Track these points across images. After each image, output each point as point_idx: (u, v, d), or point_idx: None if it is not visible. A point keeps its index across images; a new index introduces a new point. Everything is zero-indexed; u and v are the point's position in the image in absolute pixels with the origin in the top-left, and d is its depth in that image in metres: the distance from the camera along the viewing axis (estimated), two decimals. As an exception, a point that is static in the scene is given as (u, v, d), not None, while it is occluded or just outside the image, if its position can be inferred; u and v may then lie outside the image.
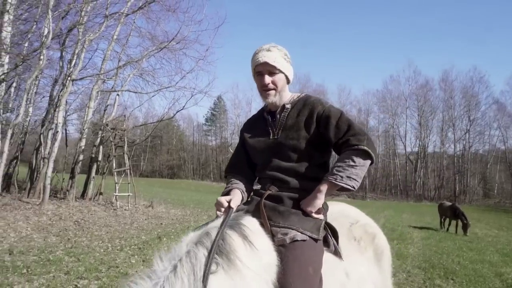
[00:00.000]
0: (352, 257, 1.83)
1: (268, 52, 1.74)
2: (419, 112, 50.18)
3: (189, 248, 1.37)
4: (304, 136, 1.73)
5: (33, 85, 11.97)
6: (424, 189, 47.87)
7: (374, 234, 2.10)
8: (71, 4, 10.85)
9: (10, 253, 5.25)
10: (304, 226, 1.61)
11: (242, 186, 1.86)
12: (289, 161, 1.75)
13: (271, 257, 1.49)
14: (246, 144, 1.92)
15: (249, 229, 1.50)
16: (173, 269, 1.29)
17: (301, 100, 1.84)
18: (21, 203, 9.80)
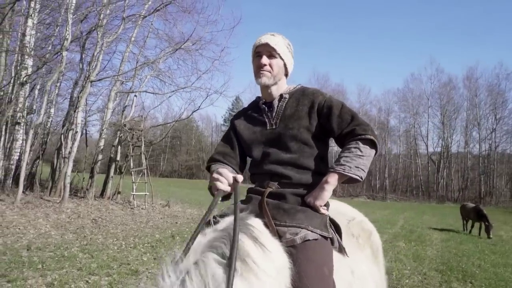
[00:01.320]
0: (354, 254, 1.76)
1: (271, 36, 1.72)
2: (442, 111, 48.74)
3: (197, 257, 1.22)
4: (305, 126, 1.66)
5: (54, 87, 12.35)
6: (447, 190, 46.44)
7: (370, 231, 2.06)
8: (89, 7, 11.12)
9: (28, 248, 5.42)
10: (313, 223, 1.52)
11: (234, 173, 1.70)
12: (289, 152, 1.65)
13: (283, 260, 1.39)
14: (240, 136, 1.80)
15: (258, 230, 1.39)
16: (181, 284, 1.15)
17: (299, 90, 1.79)
18: (42, 201, 10.13)
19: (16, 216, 7.88)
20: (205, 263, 1.18)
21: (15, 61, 12.19)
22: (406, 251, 7.63)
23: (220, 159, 1.78)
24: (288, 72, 1.81)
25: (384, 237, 9.60)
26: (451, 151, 48.62)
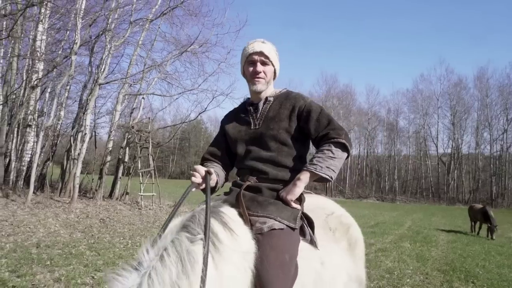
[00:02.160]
0: (327, 246, 1.86)
1: (263, 43, 1.86)
2: (452, 111, 48.17)
3: (173, 237, 1.39)
4: (284, 127, 1.80)
5: (64, 90, 12.63)
6: (457, 191, 45.83)
7: (348, 225, 2.13)
8: (98, 12, 11.36)
9: (38, 246, 5.59)
10: (282, 215, 1.66)
11: (219, 171, 1.90)
12: (268, 150, 1.80)
13: (249, 245, 1.53)
14: (227, 134, 1.96)
15: (229, 216, 1.55)
16: (159, 259, 1.30)
17: (283, 94, 1.93)
18: (52, 202, 10.37)
19: (27, 216, 8.10)
20: (180, 240, 1.34)
21: (26, 65, 12.51)
22: (410, 252, 7.63)
23: (210, 158, 1.98)
24: (277, 75, 1.96)
25: (389, 238, 9.60)
26: (462, 152, 47.96)
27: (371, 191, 47.11)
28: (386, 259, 6.63)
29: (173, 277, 1.25)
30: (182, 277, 1.26)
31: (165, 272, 1.26)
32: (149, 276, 1.25)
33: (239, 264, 1.45)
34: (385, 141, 52.29)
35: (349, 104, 50.92)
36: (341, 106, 49.81)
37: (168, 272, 1.26)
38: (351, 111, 50.80)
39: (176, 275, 1.26)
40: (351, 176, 49.88)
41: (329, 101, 49.44)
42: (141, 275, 1.26)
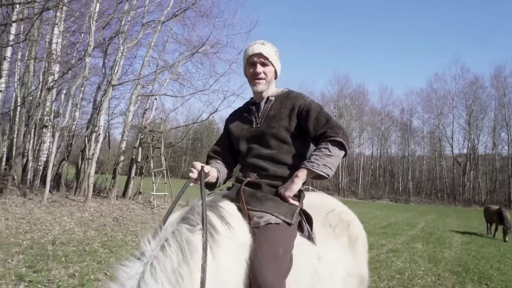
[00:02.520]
0: (326, 242, 1.90)
1: (262, 45, 1.91)
2: (468, 111, 47.18)
3: (173, 228, 1.47)
4: (285, 126, 1.86)
5: (79, 92, 12.90)
6: (474, 193, 44.88)
7: (349, 222, 2.16)
8: (111, 15, 11.58)
9: (53, 243, 5.75)
10: (279, 210, 1.72)
11: (221, 167, 1.99)
12: (269, 148, 1.86)
13: (246, 238, 1.60)
14: (230, 132, 2.03)
15: (226, 211, 1.63)
16: (160, 249, 1.38)
17: (284, 93, 1.99)
18: (67, 200, 10.62)
19: (43, 214, 8.32)
20: (179, 231, 1.43)
21: (43, 67, 12.84)
22: (422, 253, 7.53)
23: (214, 156, 2.07)
24: (278, 75, 2.01)
25: (401, 239, 9.50)
26: (478, 152, 46.94)
27: (385, 192, 46.55)
28: (397, 260, 6.57)
29: (174, 265, 1.33)
30: (183, 265, 1.34)
31: (167, 260, 1.33)
32: (151, 265, 1.32)
33: (235, 255, 1.52)
34: (398, 141, 51.62)
35: (361, 104, 50.45)
36: (353, 106, 49.40)
37: (170, 261, 1.33)
38: (364, 111, 50.33)
39: (177, 263, 1.34)
40: (364, 176, 49.40)
41: (341, 101, 49.11)
42: (144, 264, 1.34)
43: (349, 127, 48.31)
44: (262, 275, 1.48)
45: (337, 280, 1.85)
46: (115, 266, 1.37)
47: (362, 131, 50.30)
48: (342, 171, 45.82)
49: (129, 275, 1.32)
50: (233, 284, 1.49)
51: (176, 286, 1.31)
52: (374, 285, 4.79)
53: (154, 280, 1.29)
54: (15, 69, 13.89)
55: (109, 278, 4.16)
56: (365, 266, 2.19)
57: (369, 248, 7.50)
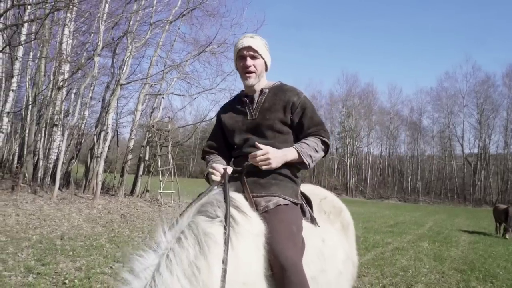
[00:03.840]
0: (324, 226, 2.00)
1: (251, 38, 1.94)
2: (479, 110, 46.47)
3: (189, 220, 1.46)
4: (279, 118, 1.91)
5: (88, 91, 13.11)
6: (485, 193, 44.19)
7: (340, 208, 2.28)
8: (120, 15, 11.74)
9: (62, 238, 5.89)
10: (285, 192, 1.79)
11: (222, 162, 1.99)
12: (265, 139, 1.89)
13: (260, 225, 1.62)
14: (224, 125, 2.04)
15: (239, 201, 1.65)
16: (177, 241, 1.37)
17: (277, 86, 2.02)
18: (76, 198, 10.81)
19: (53, 210, 8.50)
20: (196, 223, 1.44)
21: (53, 67, 13.08)
22: (428, 251, 7.50)
23: (211, 151, 2.08)
24: (268, 68, 2.04)
25: (408, 238, 9.46)
26: (489, 152, 46.22)
27: (393, 191, 46.16)
28: (402, 258, 6.55)
29: (190, 257, 1.32)
30: (200, 258, 1.33)
31: (183, 253, 1.33)
32: (167, 257, 1.31)
33: (253, 244, 1.54)
34: (408, 141, 51.07)
35: (370, 103, 50.07)
36: (362, 105, 49.07)
37: (186, 253, 1.33)
38: (373, 110, 49.93)
39: (194, 255, 1.33)
40: (373, 176, 49.06)
41: (350, 100, 48.83)
42: (159, 255, 1.33)
43: (358, 126, 48.07)
44: (283, 253, 1.52)
45: (339, 262, 1.94)
46: (130, 256, 1.34)
47: (371, 131, 49.96)
48: (350, 171, 45.58)
49: (144, 266, 1.31)
50: (254, 274, 1.49)
51: (192, 279, 1.29)
52: (377, 282, 4.81)
53: (170, 272, 1.28)
54: (27, 69, 14.18)
55: (115, 272, 4.26)
56: (355, 251, 2.30)
57: (374, 246, 7.53)
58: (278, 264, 1.50)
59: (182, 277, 1.28)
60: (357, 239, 7.58)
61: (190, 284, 1.28)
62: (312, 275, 1.67)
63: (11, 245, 5.06)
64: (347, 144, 47.17)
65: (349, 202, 30.28)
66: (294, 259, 1.53)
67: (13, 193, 9.76)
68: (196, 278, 1.29)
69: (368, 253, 6.84)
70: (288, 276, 1.49)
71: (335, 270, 1.89)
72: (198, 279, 1.29)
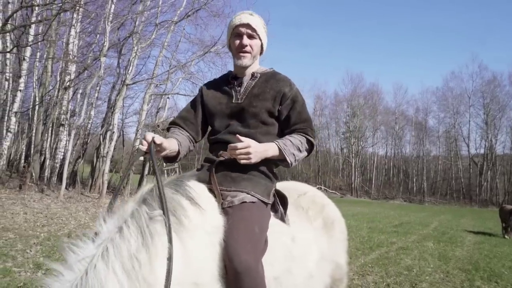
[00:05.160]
0: (299, 223, 1.88)
1: (251, 16, 1.78)
2: (485, 110, 46.09)
3: (133, 209, 1.33)
4: (267, 108, 1.77)
5: (94, 91, 13.24)
6: (491, 194, 43.85)
7: (323, 204, 2.12)
8: (125, 16, 11.85)
9: (69, 236, 5.98)
10: (255, 190, 1.66)
11: (182, 139, 1.81)
12: (247, 127, 1.76)
13: (218, 219, 1.51)
14: (205, 104, 1.87)
15: (195, 191, 1.50)
16: (118, 231, 1.25)
17: (270, 73, 1.88)
18: (83, 197, 10.93)
19: (60, 209, 8.61)
20: (139, 213, 1.31)
21: (60, 67, 13.24)
22: (433, 251, 7.48)
23: (180, 123, 1.88)
24: (263, 50, 1.89)
25: (413, 238, 9.43)
26: (496, 152, 45.85)
27: (398, 192, 45.95)
28: (407, 257, 6.55)
29: (131, 250, 1.21)
30: (142, 250, 1.22)
31: (124, 244, 1.21)
32: (105, 248, 1.20)
33: (206, 239, 1.42)
34: (413, 141, 50.83)
35: (375, 103, 49.87)
36: (367, 105, 48.90)
37: (127, 245, 1.21)
38: (378, 110, 49.74)
39: (136, 248, 1.21)
40: (377, 176, 48.87)
41: (354, 100, 48.68)
42: (97, 246, 1.22)
43: (363, 126, 47.91)
44: (238, 256, 1.40)
45: (311, 262, 1.81)
46: (65, 246, 1.22)
47: (376, 131, 49.75)
48: (355, 171, 45.45)
49: (79, 258, 1.19)
50: (207, 274, 1.38)
51: (131, 273, 1.17)
52: (381, 280, 4.82)
53: (105, 264, 1.16)
54: (34, 69, 14.35)
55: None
56: (343, 253, 2.13)
57: (379, 246, 7.53)
58: (232, 267, 1.39)
59: (119, 271, 1.16)
60: (361, 239, 7.58)
61: (129, 279, 1.17)
62: (275, 275, 1.59)
63: (19, 242, 5.15)
64: (352, 144, 47.03)
65: (354, 202, 30.29)
66: (250, 262, 1.41)
67: (20, 192, 9.90)
68: (136, 273, 1.17)
69: (373, 252, 6.85)
70: (241, 280, 1.38)
71: (304, 272, 1.75)
72: (138, 274, 1.18)
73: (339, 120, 50.82)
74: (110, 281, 1.15)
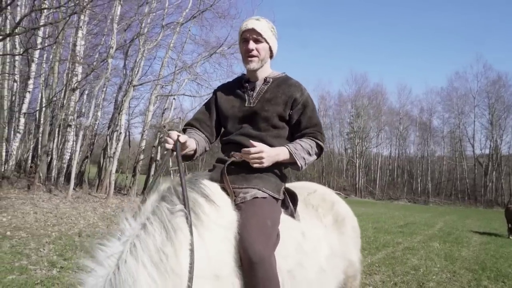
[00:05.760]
0: (308, 220, 1.95)
1: (256, 21, 1.84)
2: (490, 110, 45.85)
3: (153, 207, 1.41)
4: (278, 112, 1.84)
5: (101, 92, 13.36)
6: (496, 194, 43.61)
7: (332, 202, 2.18)
8: (132, 17, 11.96)
9: (79, 235, 6.07)
10: (267, 186, 1.75)
11: (199, 139, 1.89)
12: (259, 130, 1.84)
13: (231, 214, 1.59)
14: (219, 106, 1.95)
15: (209, 189, 1.59)
16: (142, 228, 1.33)
17: (282, 78, 1.95)
18: (90, 197, 11.05)
19: (68, 209, 8.72)
20: (160, 210, 1.39)
21: (66, 68, 13.37)
22: (439, 251, 7.51)
23: (196, 125, 1.97)
24: (273, 54, 1.95)
25: (418, 238, 9.46)
26: (501, 152, 45.58)
27: (403, 192, 45.83)
28: (413, 257, 6.59)
29: (157, 244, 1.28)
30: (167, 244, 1.30)
31: (149, 239, 1.28)
32: (132, 244, 1.27)
33: (222, 234, 1.50)
34: (417, 142, 50.66)
35: (379, 104, 49.77)
36: (371, 106, 48.80)
37: (152, 239, 1.28)
38: (382, 111, 49.63)
39: (161, 242, 1.29)
40: (382, 177, 48.77)
41: (359, 101, 48.60)
42: (123, 242, 1.29)
43: (367, 127, 47.83)
44: (252, 246, 1.48)
45: (321, 257, 1.87)
46: (94, 245, 1.30)
47: (380, 131, 49.66)
48: (359, 172, 45.39)
49: (108, 254, 1.27)
50: (226, 267, 1.46)
51: (159, 265, 1.25)
52: (388, 280, 4.87)
53: (135, 259, 1.23)
54: (41, 71, 14.51)
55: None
56: (355, 250, 2.17)
57: (385, 246, 7.56)
58: (246, 257, 1.47)
59: (148, 264, 1.24)
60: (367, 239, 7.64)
61: (158, 271, 1.25)
62: (288, 268, 1.65)
63: (32, 241, 5.26)
64: (356, 145, 46.96)
65: (358, 203, 30.25)
66: (263, 253, 1.48)
67: (29, 192, 10.02)
68: (164, 265, 1.26)
69: (379, 252, 6.89)
70: (255, 270, 1.46)
71: (316, 267, 1.81)
72: (166, 266, 1.26)
73: (343, 121, 50.77)
74: (141, 274, 1.22)
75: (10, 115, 12.41)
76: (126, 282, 1.20)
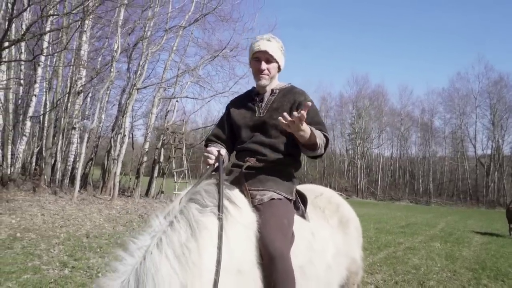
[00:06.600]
0: (316, 221, 2.11)
1: (268, 42, 2.00)
2: (492, 111, 45.83)
3: (181, 206, 1.58)
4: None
5: (105, 95, 13.51)
6: (498, 195, 43.54)
7: (338, 204, 2.35)
8: (136, 21, 12.12)
9: (87, 236, 6.20)
10: (280, 188, 1.92)
11: (224, 152, 2.03)
12: (270, 137, 2.01)
13: (251, 216, 1.75)
14: (232, 118, 2.13)
15: (232, 193, 1.76)
16: (169, 224, 1.49)
17: (288, 88, 2.13)
18: (95, 199, 11.19)
19: (74, 211, 8.86)
20: (188, 209, 1.56)
21: (69, 72, 13.52)
22: (440, 251, 7.61)
23: (215, 140, 2.16)
24: (281, 69, 2.14)
25: (420, 238, 9.56)
26: (503, 153, 45.56)
27: (404, 193, 45.83)
28: (414, 257, 6.70)
29: (182, 239, 1.43)
30: (191, 240, 1.44)
31: (175, 235, 1.43)
32: (159, 238, 1.43)
33: (244, 233, 1.66)
34: (419, 142, 50.70)
35: (381, 105, 49.82)
36: (372, 107, 48.86)
37: (177, 235, 1.43)
38: (383, 112, 49.69)
39: (186, 238, 1.43)
40: (383, 177, 48.80)
41: (360, 102, 48.68)
42: (151, 237, 1.46)
43: (368, 127, 47.91)
44: (273, 243, 1.64)
45: (329, 256, 2.04)
46: (127, 239, 1.47)
47: (381, 132, 49.72)
48: (360, 172, 45.46)
49: (138, 246, 1.43)
50: (248, 263, 1.60)
51: (181, 258, 1.38)
52: (389, 278, 4.99)
53: (159, 252, 1.38)
54: (45, 74, 14.68)
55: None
56: (357, 249, 2.33)
57: (386, 246, 7.68)
58: (267, 253, 1.63)
59: (171, 256, 1.37)
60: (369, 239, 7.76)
61: (179, 264, 1.37)
62: (300, 264, 1.80)
63: (42, 242, 5.39)
64: (358, 145, 47.03)
65: (360, 203, 30.32)
66: (282, 249, 1.64)
67: (35, 194, 10.18)
68: (186, 259, 1.38)
69: (381, 252, 7.00)
70: (275, 264, 1.61)
71: (324, 264, 1.98)
72: (188, 259, 1.38)
73: (344, 122, 50.84)
74: (164, 264, 1.37)
75: (16, 119, 12.58)
76: (149, 270, 1.34)
